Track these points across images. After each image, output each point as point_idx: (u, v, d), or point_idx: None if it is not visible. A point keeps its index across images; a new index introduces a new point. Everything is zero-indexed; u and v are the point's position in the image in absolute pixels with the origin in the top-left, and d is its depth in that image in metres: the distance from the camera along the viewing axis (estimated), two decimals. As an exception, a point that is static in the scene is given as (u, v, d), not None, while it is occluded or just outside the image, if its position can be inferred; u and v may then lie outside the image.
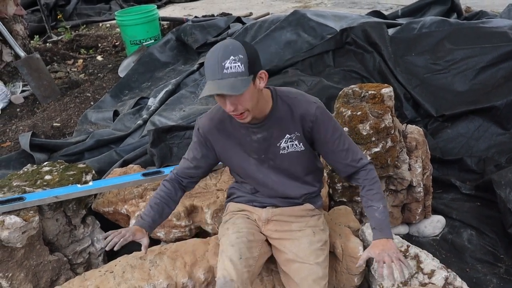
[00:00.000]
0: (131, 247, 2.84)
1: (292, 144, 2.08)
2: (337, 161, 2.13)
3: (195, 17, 7.27)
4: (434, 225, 3.11)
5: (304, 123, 2.04)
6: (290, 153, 2.10)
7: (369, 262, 2.40)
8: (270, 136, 2.06)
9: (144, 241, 2.12)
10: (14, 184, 2.74)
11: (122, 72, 5.93)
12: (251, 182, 2.24)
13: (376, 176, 2.15)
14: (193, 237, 2.75)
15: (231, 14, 7.16)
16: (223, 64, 1.77)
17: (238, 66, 1.77)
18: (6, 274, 2.39)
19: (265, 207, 2.26)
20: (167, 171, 2.89)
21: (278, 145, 2.08)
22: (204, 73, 1.88)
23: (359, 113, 2.74)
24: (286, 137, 2.07)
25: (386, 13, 6.22)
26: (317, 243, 2.17)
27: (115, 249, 2.05)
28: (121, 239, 2.05)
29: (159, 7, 9.10)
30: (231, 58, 1.77)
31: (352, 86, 2.94)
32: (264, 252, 2.21)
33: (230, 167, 2.30)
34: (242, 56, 1.78)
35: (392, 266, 1.94)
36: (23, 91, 5.57)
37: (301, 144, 2.09)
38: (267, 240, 2.26)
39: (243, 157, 2.13)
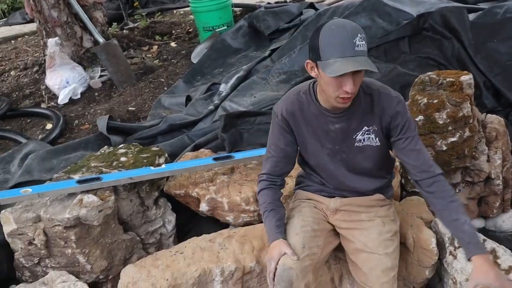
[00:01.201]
0: (201, 229, 2.91)
1: (369, 137, 2.03)
2: (407, 161, 2.03)
3: (268, 3, 7.24)
4: (513, 220, 2.97)
5: (383, 117, 1.99)
6: (365, 147, 2.05)
7: (441, 255, 2.32)
8: (348, 127, 2.02)
9: (287, 250, 1.99)
10: (92, 165, 2.84)
11: (195, 58, 6.01)
12: (321, 173, 2.21)
13: (452, 188, 2.04)
14: (260, 222, 2.76)
15: (304, 0, 7.08)
16: (354, 41, 1.73)
17: (365, 44, 1.77)
18: (84, 250, 2.50)
19: (333, 197, 2.23)
20: (238, 156, 2.91)
21: (354, 137, 2.04)
22: (321, 51, 1.77)
23: (435, 101, 2.65)
24: (363, 129, 2.02)
25: (466, -3, 5.95)
26: (386, 234, 2.12)
27: None
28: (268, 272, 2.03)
29: (232, -7, 9.16)
30: (359, 35, 1.75)
31: (429, 73, 2.84)
32: (330, 241, 2.18)
33: (302, 154, 2.23)
34: (365, 36, 1.78)
35: None
36: (101, 76, 5.75)
37: (377, 138, 2.04)
38: (334, 230, 2.23)
39: (317, 146, 2.10)
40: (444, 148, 2.65)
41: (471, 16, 4.50)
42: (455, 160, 2.68)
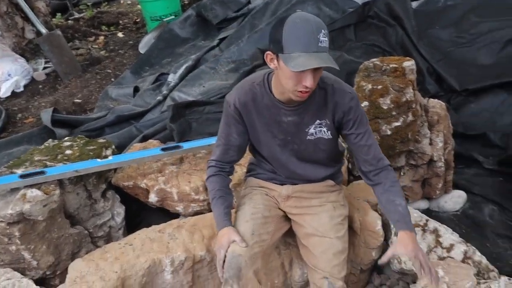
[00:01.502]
0: (150, 221, 2.89)
1: (320, 131, 2.04)
2: (358, 154, 2.06)
3: (216, -8, 7.20)
4: (455, 200, 3.07)
5: (336, 112, 2.00)
6: (316, 140, 2.06)
7: (386, 236, 2.39)
8: (300, 121, 2.02)
9: (236, 237, 1.99)
10: (36, 159, 2.77)
11: (142, 48, 5.94)
12: (272, 162, 2.21)
13: (397, 178, 2.10)
14: (210, 211, 2.76)
15: (251, -11, 7.08)
16: (318, 36, 1.70)
17: (327, 41, 1.73)
18: (29, 246, 2.44)
19: (285, 184, 2.25)
20: (186, 146, 2.89)
21: (306, 130, 2.04)
22: (284, 44, 1.73)
23: (379, 87, 2.70)
24: (316, 122, 2.02)
25: (410, -14, 6.09)
26: (337, 218, 2.16)
27: None
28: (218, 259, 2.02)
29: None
30: (322, 31, 1.71)
31: (373, 59, 2.90)
32: (280, 227, 2.20)
33: (254, 144, 2.21)
34: (327, 32, 1.75)
35: (426, 268, 1.87)
36: (45, 68, 5.62)
37: (329, 132, 2.05)
38: (285, 215, 2.25)
39: (269, 137, 2.09)
40: (389, 132, 2.71)
41: (414, 4, 4.63)
42: (399, 144, 2.75)
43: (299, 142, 2.07)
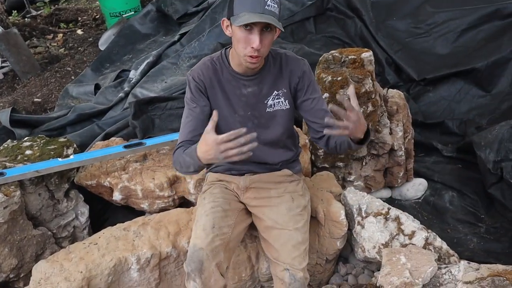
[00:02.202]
0: (116, 219, 2.87)
1: (279, 102, 2.11)
2: (315, 120, 2.11)
3: (175, -13, 7.14)
4: (416, 188, 3.14)
5: (291, 79, 2.10)
6: (276, 112, 2.13)
7: (350, 226, 2.43)
8: (259, 92, 2.09)
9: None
10: (-6, 160, 2.72)
11: (102, 45, 5.85)
12: None
13: None
14: (176, 207, 2.76)
15: (211, -17, 7.05)
16: (265, 0, 1.79)
17: (276, 7, 1.83)
18: (-10, 249, 2.39)
19: (243, 174, 2.27)
20: (149, 142, 2.88)
21: (265, 102, 2.11)
22: (234, 7, 1.84)
23: (339, 78, 2.74)
24: (273, 94, 2.10)
25: (368, -22, 6.16)
26: (296, 209, 2.18)
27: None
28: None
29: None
30: None
31: (332, 51, 2.93)
32: (241, 220, 2.21)
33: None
34: (278, 1, 1.85)
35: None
36: (2, 67, 5.49)
37: (286, 101, 2.12)
38: (246, 208, 2.27)
39: (229, 112, 2.11)
40: (350, 123, 2.75)
41: (372, -4, 4.67)
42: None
43: (259, 115, 2.12)
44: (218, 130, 2.14)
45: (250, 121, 2.12)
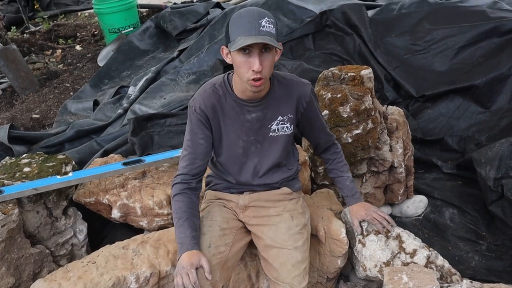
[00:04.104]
0: (114, 236, 2.85)
1: (283, 127, 2.12)
2: (321, 137, 2.29)
3: (174, 3, 7.19)
4: (416, 205, 3.13)
5: (299, 104, 2.11)
6: (279, 136, 2.13)
7: (351, 244, 2.41)
8: (263, 117, 2.07)
9: (205, 264, 1.93)
10: (-8, 178, 2.70)
11: (101, 61, 5.86)
12: (231, 168, 2.21)
13: (340, 148, 2.41)
14: (176, 225, 2.74)
15: (210, 0, 7.09)
16: (260, 21, 1.79)
17: (272, 27, 1.82)
18: (-13, 268, 2.36)
19: (242, 192, 2.25)
20: (148, 159, 2.86)
21: (269, 126, 2.10)
22: (230, 33, 1.85)
23: (339, 95, 2.73)
24: (278, 119, 2.09)
25: (366, -6, 6.20)
26: (295, 227, 2.17)
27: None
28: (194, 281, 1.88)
29: (138, -6, 9.00)
30: (266, 18, 1.81)
31: (332, 68, 2.93)
32: (240, 238, 2.20)
33: (215, 149, 2.19)
34: (273, 21, 1.85)
35: (384, 221, 2.30)
36: (0, 83, 5.49)
37: (291, 126, 2.13)
38: (245, 227, 2.26)
39: (233, 138, 2.11)
40: (350, 140, 2.75)
41: (370, 13, 4.71)
42: (360, 151, 2.79)
43: (262, 139, 2.12)
44: (221, 154, 2.17)
45: (253, 145, 2.13)
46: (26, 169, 2.79)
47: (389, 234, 2.33)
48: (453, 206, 3.14)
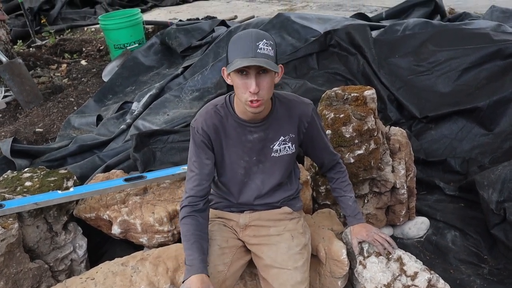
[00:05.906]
0: (114, 252, 2.83)
1: (285, 147, 2.12)
2: (324, 156, 2.29)
3: (180, 20, 7.24)
4: (418, 226, 3.11)
5: (300, 124, 2.11)
6: (281, 157, 2.13)
7: (352, 265, 2.39)
8: (265, 137, 2.07)
9: None
10: (-6, 191, 2.70)
11: (106, 76, 5.89)
12: (233, 187, 2.21)
13: (345, 167, 2.39)
14: (176, 242, 2.72)
15: (216, 18, 7.15)
16: (257, 44, 1.80)
17: (270, 50, 1.83)
18: (-15, 283, 2.36)
19: (242, 212, 2.25)
20: (150, 176, 2.86)
21: (271, 147, 2.10)
22: (229, 55, 1.88)
23: (342, 115, 2.73)
24: (280, 139, 2.09)
25: (370, 15, 6.25)
26: (295, 247, 2.15)
27: None
28: None
29: (144, 11, 9.11)
30: (264, 41, 1.82)
31: (335, 88, 2.94)
32: (239, 257, 2.18)
33: (217, 169, 2.20)
34: (272, 43, 1.86)
35: (385, 243, 2.27)
36: (5, 96, 5.52)
37: (293, 146, 2.13)
38: (245, 246, 2.24)
39: (235, 159, 2.11)
40: (352, 160, 2.74)
41: (374, 33, 4.73)
42: (362, 172, 2.78)
43: (264, 159, 2.12)
44: (223, 174, 2.17)
45: (255, 166, 2.13)
46: (28, 183, 2.79)
47: (390, 256, 2.31)
48: (455, 229, 3.12)
